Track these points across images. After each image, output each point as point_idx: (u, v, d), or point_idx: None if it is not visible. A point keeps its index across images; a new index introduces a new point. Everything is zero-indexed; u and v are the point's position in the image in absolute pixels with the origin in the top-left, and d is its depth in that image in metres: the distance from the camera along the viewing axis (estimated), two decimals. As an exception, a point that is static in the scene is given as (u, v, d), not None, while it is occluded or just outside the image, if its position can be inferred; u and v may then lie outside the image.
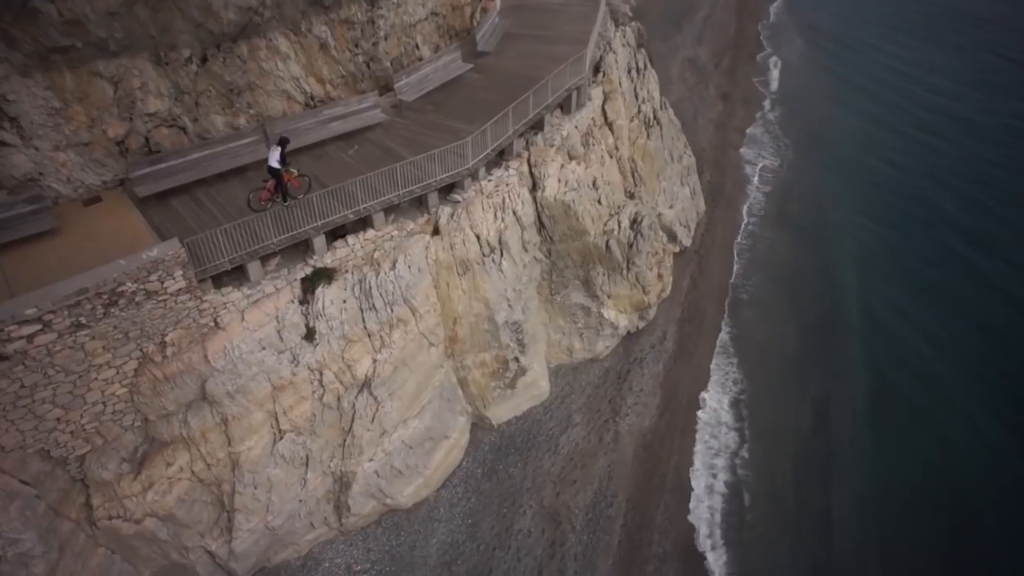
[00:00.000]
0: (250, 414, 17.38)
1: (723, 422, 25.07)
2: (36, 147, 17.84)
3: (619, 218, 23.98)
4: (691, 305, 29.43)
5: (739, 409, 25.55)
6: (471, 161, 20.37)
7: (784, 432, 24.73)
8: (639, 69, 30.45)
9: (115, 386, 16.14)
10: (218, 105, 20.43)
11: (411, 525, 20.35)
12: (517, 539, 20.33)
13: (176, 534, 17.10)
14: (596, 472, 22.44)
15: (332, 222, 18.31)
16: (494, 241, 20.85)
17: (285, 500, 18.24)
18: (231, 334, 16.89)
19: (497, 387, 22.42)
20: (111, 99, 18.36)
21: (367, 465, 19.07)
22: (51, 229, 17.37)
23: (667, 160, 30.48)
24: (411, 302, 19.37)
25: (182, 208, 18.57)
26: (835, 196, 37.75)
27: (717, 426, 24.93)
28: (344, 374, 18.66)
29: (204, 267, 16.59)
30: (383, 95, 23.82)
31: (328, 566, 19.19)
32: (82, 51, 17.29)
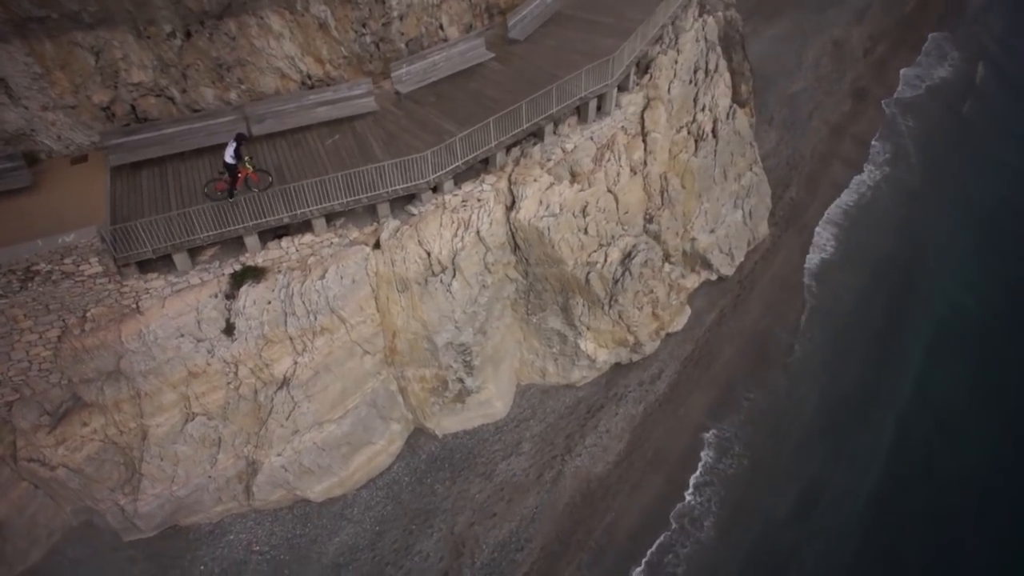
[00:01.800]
0: (162, 393, 18.29)
1: (686, 494, 22.91)
2: (25, 106, 18.92)
3: (607, 251, 21.85)
4: (707, 344, 26.71)
5: (710, 487, 23.09)
6: (430, 175, 19.22)
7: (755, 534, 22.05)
8: (707, 71, 26.79)
9: (39, 348, 17.50)
10: (207, 79, 20.56)
11: (320, 519, 20.90)
12: (413, 560, 20.30)
13: (86, 485, 18.74)
14: (520, 510, 21.63)
15: (266, 223, 18.21)
16: (446, 260, 19.83)
17: (192, 475, 19.31)
18: (148, 319, 17.60)
19: (436, 403, 21.93)
20: (93, 68, 18.96)
21: (274, 459, 19.61)
22: (25, 187, 18.65)
23: (717, 179, 27.04)
24: (339, 312, 19.10)
25: (146, 183, 19.18)
26: (948, 251, 31.47)
27: (676, 496, 22.85)
28: (261, 371, 19.01)
29: (128, 253, 17.21)
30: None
31: (232, 539, 20.31)
32: (58, 22, 17.84)
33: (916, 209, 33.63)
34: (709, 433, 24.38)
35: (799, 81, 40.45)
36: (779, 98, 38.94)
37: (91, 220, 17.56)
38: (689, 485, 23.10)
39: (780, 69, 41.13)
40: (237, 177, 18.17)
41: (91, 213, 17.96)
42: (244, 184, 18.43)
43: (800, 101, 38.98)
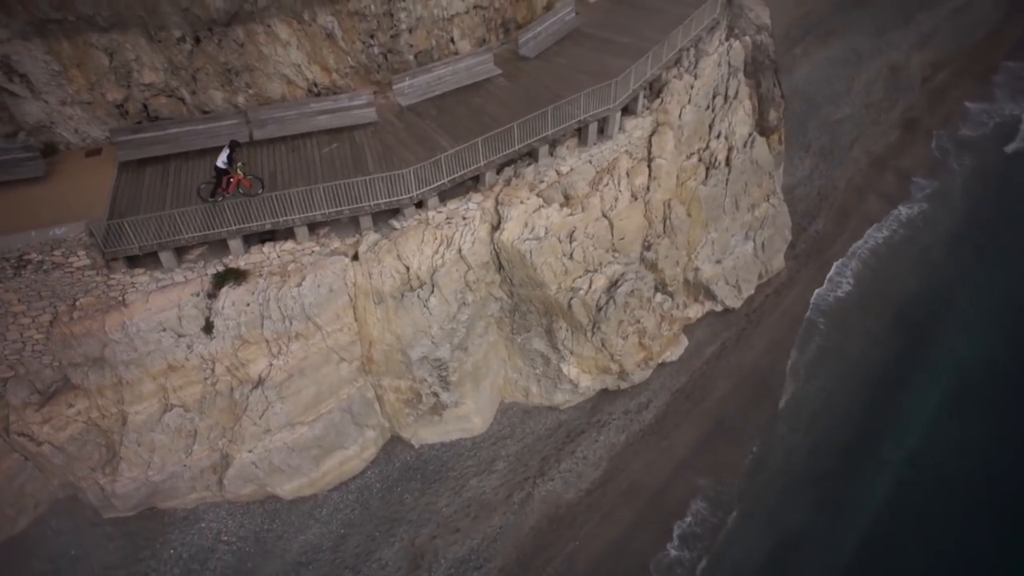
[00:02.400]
0: (142, 383, 19.15)
1: (669, 547, 22.31)
2: (45, 100, 20.11)
3: (592, 277, 21.60)
4: (702, 377, 26.10)
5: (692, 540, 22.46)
6: (414, 191, 19.43)
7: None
8: (727, 97, 26.07)
9: (32, 331, 18.59)
10: (216, 82, 21.31)
11: (289, 516, 21.49)
12: (371, 567, 20.65)
13: (69, 463, 19.80)
14: (485, 528, 21.69)
15: (249, 228, 18.80)
16: (425, 276, 20.02)
17: (168, 463, 20.15)
18: (132, 312, 18.46)
19: (411, 414, 22.20)
20: (107, 68, 19.94)
21: (246, 455, 20.26)
22: (37, 176, 19.82)
23: (727, 209, 26.31)
24: (315, 319, 19.55)
25: (148, 179, 20.09)
26: (977, 304, 29.45)
27: (657, 545, 22.37)
28: (237, 370, 19.66)
29: (115, 248, 18.08)
30: (397, 91, 23.13)
31: (204, 526, 21.11)
32: (74, 24, 18.84)
33: (950, 255, 31.80)
34: (692, 471, 23.76)
35: (845, 107, 38.88)
36: (820, 124, 37.52)
37: (91, 213, 18.61)
38: (673, 536, 22.51)
39: (826, 94, 39.63)
40: (229, 182, 18.86)
41: (92, 206, 19.01)
42: (236, 189, 19.08)
43: (843, 129, 37.47)
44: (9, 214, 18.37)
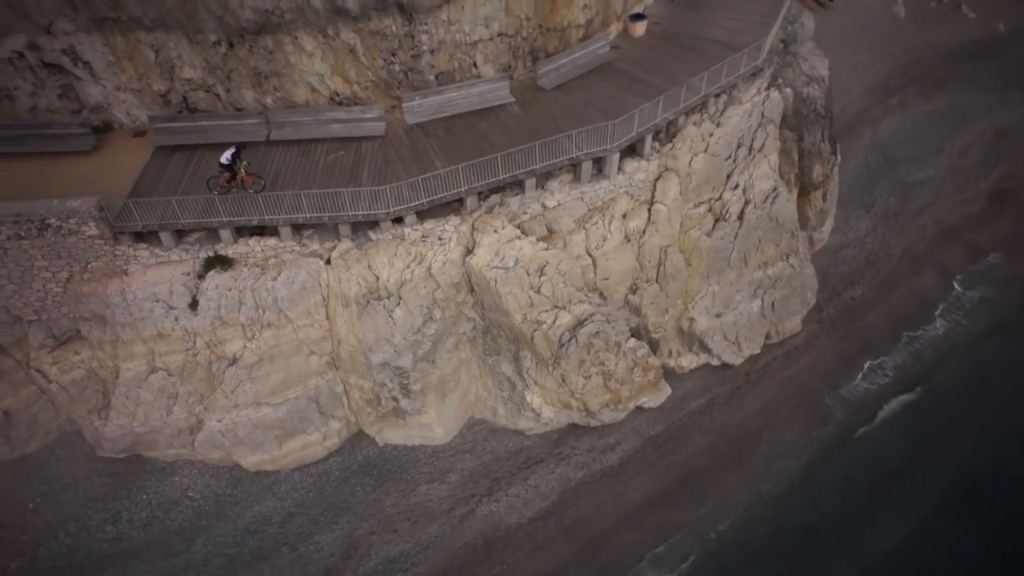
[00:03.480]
0: (134, 344, 21.57)
1: None
2: (103, 85, 23.02)
3: (558, 313, 21.79)
4: (680, 429, 25.54)
5: None
6: (391, 207, 20.54)
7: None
8: (751, 149, 25.22)
9: (52, 285, 21.41)
10: (247, 83, 23.43)
11: (249, 486, 23.37)
12: (307, 547, 22.12)
13: (71, 403, 22.61)
14: (420, 535, 22.58)
15: (237, 222, 20.65)
16: (393, 288, 21.08)
17: (151, 418, 22.52)
18: (132, 281, 20.84)
19: (372, 413, 23.40)
20: (153, 62, 22.52)
21: (215, 423, 22.28)
22: (86, 150, 22.77)
23: (733, 263, 25.46)
24: (286, 312, 21.17)
25: (174, 164, 22.53)
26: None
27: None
28: (215, 347, 21.66)
29: (123, 224, 20.48)
30: (408, 108, 24.29)
31: (177, 480, 23.42)
32: (126, 22, 21.43)
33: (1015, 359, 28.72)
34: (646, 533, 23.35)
35: (929, 168, 36.09)
36: (893, 184, 35.11)
37: (117, 189, 21.24)
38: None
39: (912, 151, 36.98)
40: (234, 177, 20.77)
41: (121, 182, 21.67)
42: (240, 185, 20.98)
43: (918, 192, 34.83)
44: (51, 181, 21.37)
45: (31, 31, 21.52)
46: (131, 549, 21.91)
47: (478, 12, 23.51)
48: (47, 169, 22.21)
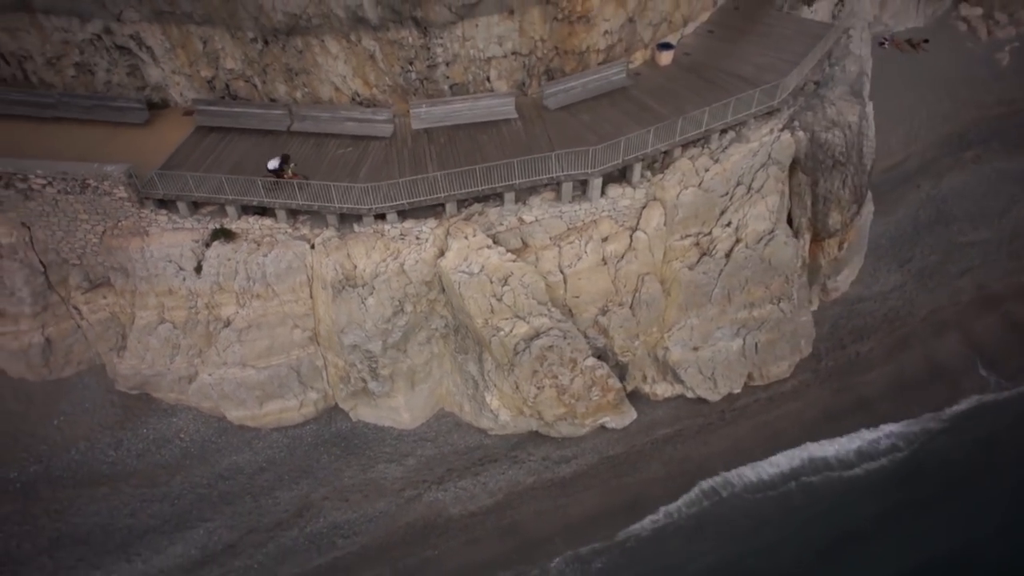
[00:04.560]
0: (148, 297, 24.61)
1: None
2: (162, 68, 26.33)
3: (516, 322, 22.82)
4: (639, 455, 25.84)
5: None
6: (372, 204, 22.35)
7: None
8: (749, 188, 25.09)
9: (90, 236, 24.83)
10: (280, 77, 26.00)
11: (231, 437, 25.97)
12: (267, 500, 24.43)
13: (96, 339, 26.06)
14: (368, 508, 24.33)
15: (241, 201, 23.15)
16: (368, 278, 22.90)
17: (156, 363, 25.55)
18: (150, 241, 23.86)
19: (343, 389, 25.34)
20: (201, 52, 25.50)
21: (206, 376, 24.98)
22: (140, 123, 26.14)
23: (716, 300, 25.39)
24: (273, 287, 23.48)
25: (207, 143, 25.46)
26: None
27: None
28: (213, 309, 24.35)
29: (147, 191, 23.48)
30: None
31: (174, 421, 26.37)
32: (179, 16, 24.47)
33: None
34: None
35: (984, 231, 33.95)
36: (938, 241, 33.33)
37: (157, 160, 24.33)
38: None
39: (971, 210, 34.96)
40: (282, 176, 22.95)
41: (162, 154, 24.78)
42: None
43: (964, 253, 32.88)
44: (110, 147, 24.77)
45: (106, 18, 24.98)
46: (124, 473, 25.02)
47: (491, 31, 24.84)
48: (108, 136, 25.72)
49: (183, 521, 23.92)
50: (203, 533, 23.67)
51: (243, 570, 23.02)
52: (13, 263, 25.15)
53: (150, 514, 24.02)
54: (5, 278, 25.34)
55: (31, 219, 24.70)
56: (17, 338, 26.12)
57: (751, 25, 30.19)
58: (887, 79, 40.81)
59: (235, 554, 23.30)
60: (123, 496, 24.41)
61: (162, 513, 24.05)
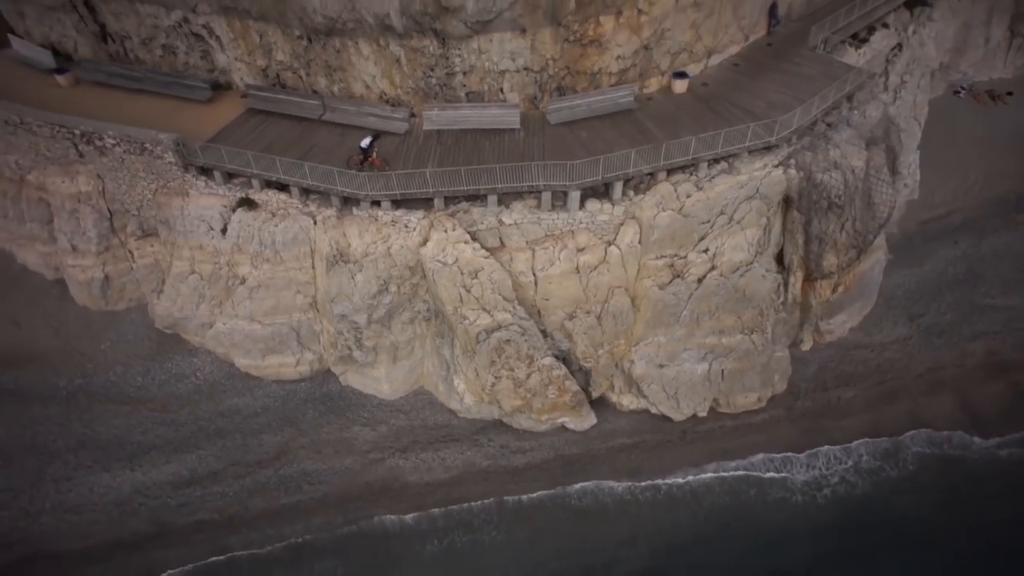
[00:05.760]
0: (183, 249, 28.55)
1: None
2: (227, 54, 30.37)
3: (480, 314, 24.80)
4: (593, 459, 27.13)
5: None
6: (368, 191, 25.08)
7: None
8: (731, 219, 25.86)
9: (146, 192, 29.04)
10: (321, 72, 29.34)
11: (236, 382, 29.44)
12: (253, 441, 27.73)
13: (142, 280, 30.35)
14: (335, 463, 27.10)
15: (262, 175, 26.51)
16: (359, 256, 25.63)
17: (185, 308, 29.46)
18: (189, 202, 27.72)
19: (332, 354, 28.21)
20: (257, 44, 29.26)
21: (220, 325, 28.60)
22: (203, 100, 30.28)
23: (683, 321, 26.26)
24: (281, 254, 26.72)
25: (252, 123, 29.13)
26: None
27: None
28: (232, 267, 27.90)
29: (191, 159, 27.33)
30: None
31: (195, 361, 30.21)
32: (240, 11, 28.27)
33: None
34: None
35: (1014, 296, 32.55)
36: (959, 301, 32.30)
37: (207, 133, 28.21)
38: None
39: (1005, 274, 33.71)
40: (368, 157, 26.10)
41: (212, 128, 28.66)
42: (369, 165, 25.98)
43: (985, 316, 31.71)
44: (175, 118, 28.86)
45: (184, 9, 29.17)
46: (145, 398, 29.06)
47: (505, 46, 26.99)
48: (177, 109, 29.92)
49: (182, 445, 27.55)
50: (195, 458, 27.20)
51: (220, 495, 26.33)
52: (87, 207, 29.80)
53: (157, 435, 27.82)
54: (80, 219, 30.03)
55: (104, 172, 29.23)
56: (84, 271, 30.81)
57: (778, 63, 30.66)
58: (951, 130, 39.63)
59: (216, 481, 26.66)
60: (140, 416, 28.37)
61: (167, 436, 27.81)
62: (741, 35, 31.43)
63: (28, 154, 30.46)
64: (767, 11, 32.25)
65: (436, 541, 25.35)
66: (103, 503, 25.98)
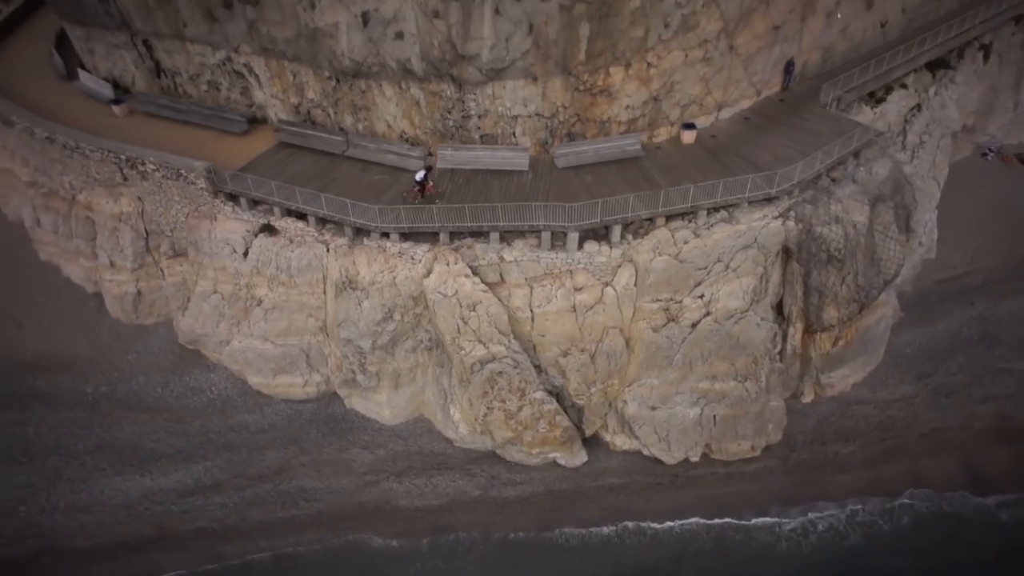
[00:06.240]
0: (207, 270, 30.41)
1: None
2: (264, 91, 32.72)
3: (476, 345, 25.69)
4: (582, 497, 27.40)
5: None
6: (378, 223, 26.52)
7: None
8: (727, 266, 26.37)
9: (180, 215, 31.17)
10: (348, 110, 31.33)
11: (248, 399, 30.84)
12: (257, 455, 28.89)
13: (170, 297, 32.30)
14: (332, 482, 28.03)
15: (284, 204, 28.26)
16: (366, 284, 26.96)
17: (207, 325, 31.21)
18: (216, 225, 29.65)
19: (338, 377, 29.39)
20: (291, 82, 31.50)
21: (236, 342, 30.19)
22: (239, 133, 32.57)
23: (676, 365, 26.64)
24: (294, 278, 28.27)
25: (281, 155, 31.24)
26: None
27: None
28: (251, 289, 29.57)
29: (220, 187, 29.34)
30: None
31: (211, 376, 31.80)
32: (277, 52, 30.57)
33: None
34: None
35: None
36: (971, 363, 31.80)
37: (238, 163, 30.30)
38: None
39: (1022, 338, 32.84)
40: (424, 188, 27.73)
41: (244, 158, 30.77)
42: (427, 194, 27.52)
43: (998, 380, 31.11)
44: (213, 148, 31.14)
45: (228, 49, 31.72)
46: (161, 408, 30.68)
47: (518, 93, 28.48)
48: (215, 140, 32.31)
49: (191, 455, 28.93)
50: (201, 468, 28.51)
51: (220, 505, 27.48)
52: (127, 227, 32.11)
53: (169, 444, 29.29)
54: (120, 238, 32.33)
55: (144, 195, 31.58)
56: (119, 286, 33.00)
57: (788, 118, 31.40)
58: (976, 191, 39.48)
59: (218, 491, 27.85)
60: (155, 425, 29.95)
61: (177, 445, 29.26)
62: (753, 90, 32.32)
63: (80, 176, 33.12)
64: (782, 68, 33.14)
65: (419, 565, 25.87)
66: (112, 505, 27.38)
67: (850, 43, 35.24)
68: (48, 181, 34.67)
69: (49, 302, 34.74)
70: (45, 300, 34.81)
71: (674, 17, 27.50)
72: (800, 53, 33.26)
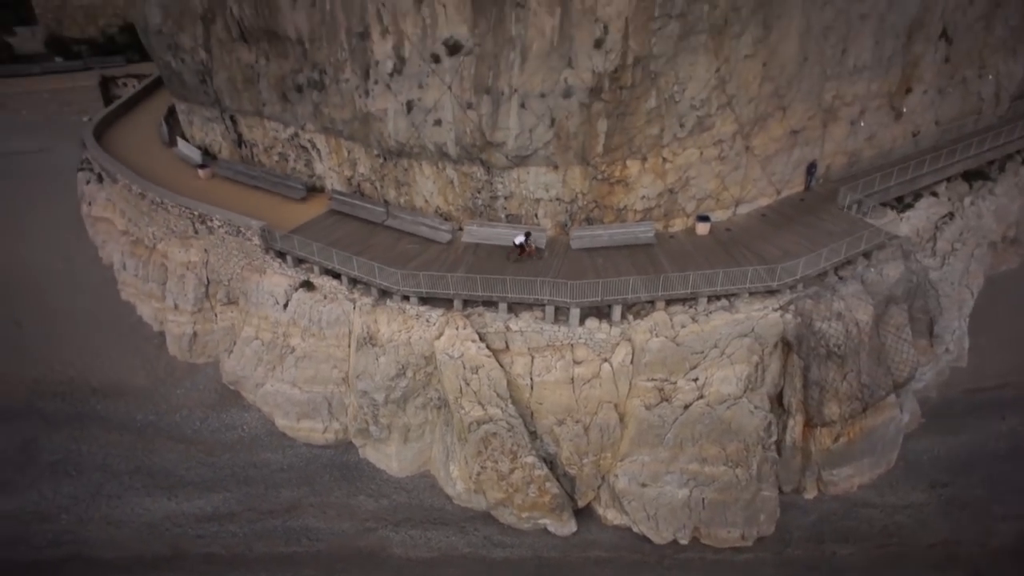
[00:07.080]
0: (252, 318, 33.77)
1: None
2: (323, 164, 36.90)
3: (475, 406, 27.35)
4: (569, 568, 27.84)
5: None
6: (400, 287, 29.16)
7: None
8: (722, 353, 27.27)
9: (236, 267, 34.93)
10: (392, 184, 34.87)
11: (272, 439, 33.30)
12: (271, 492, 30.98)
13: (220, 341, 35.78)
14: (335, 525, 29.65)
15: (318, 263, 31.47)
16: (383, 341, 29.41)
17: (247, 368, 34.31)
18: (264, 278, 33.17)
19: (353, 426, 31.52)
20: (346, 157, 35.49)
21: (268, 385, 33.03)
22: (300, 198, 36.68)
23: (668, 445, 27.27)
24: (323, 331, 31.09)
25: (329, 221, 34.92)
26: None
27: None
28: (287, 338, 32.58)
29: (271, 244, 32.99)
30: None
31: (245, 415, 34.58)
32: (335, 131, 34.69)
33: None
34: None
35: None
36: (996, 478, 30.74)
37: (292, 224, 34.13)
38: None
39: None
40: (525, 249, 30.94)
41: (298, 221, 34.58)
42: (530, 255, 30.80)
43: (1020, 498, 29.75)
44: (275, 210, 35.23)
45: (296, 126, 36.24)
46: (197, 440, 33.58)
47: (540, 178, 31.13)
48: (278, 204, 36.53)
49: (214, 485, 31.43)
50: (221, 498, 30.89)
51: (231, 534, 29.59)
52: (192, 274, 36.22)
53: (197, 473, 31.96)
54: (185, 283, 36.43)
55: (210, 247, 35.69)
56: (179, 326, 36.86)
57: (805, 217, 32.57)
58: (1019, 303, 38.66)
59: (232, 521, 30.04)
60: (189, 454, 32.79)
61: (205, 475, 31.88)
62: (772, 189, 33.75)
63: (162, 227, 37.81)
64: (804, 169, 34.51)
65: (401, 613, 26.93)
66: (138, 522, 30.00)
67: (878, 150, 36.35)
68: (136, 231, 39.62)
69: (122, 337, 38.94)
70: (119, 335, 39.05)
71: (689, 118, 29.72)
72: (823, 156, 34.64)
